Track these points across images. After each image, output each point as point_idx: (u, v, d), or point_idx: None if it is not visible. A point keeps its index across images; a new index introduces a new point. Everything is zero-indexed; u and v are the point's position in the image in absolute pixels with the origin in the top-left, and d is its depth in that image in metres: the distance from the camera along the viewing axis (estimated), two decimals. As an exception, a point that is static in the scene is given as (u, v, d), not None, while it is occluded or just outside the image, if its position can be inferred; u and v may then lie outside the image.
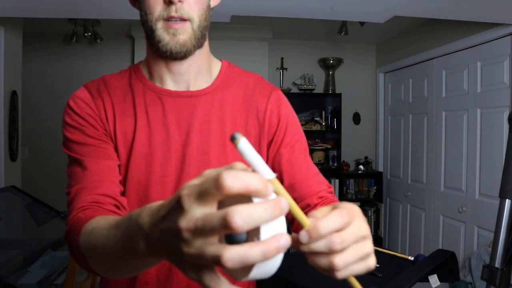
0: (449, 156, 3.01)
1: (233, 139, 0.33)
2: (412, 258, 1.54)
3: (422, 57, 3.31)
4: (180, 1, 0.70)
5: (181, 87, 0.80)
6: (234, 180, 0.30)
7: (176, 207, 0.33)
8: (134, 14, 2.70)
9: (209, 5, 0.77)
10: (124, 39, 3.71)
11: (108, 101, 0.77)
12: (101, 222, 0.54)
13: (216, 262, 0.30)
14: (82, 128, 0.75)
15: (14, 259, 2.06)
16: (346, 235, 0.38)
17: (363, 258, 0.41)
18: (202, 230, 0.31)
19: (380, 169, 3.98)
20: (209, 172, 0.33)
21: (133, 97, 0.79)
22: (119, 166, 0.76)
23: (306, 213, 0.39)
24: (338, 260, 0.38)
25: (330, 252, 0.38)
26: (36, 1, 2.09)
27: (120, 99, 0.78)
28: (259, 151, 0.81)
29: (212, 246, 0.31)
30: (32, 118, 3.54)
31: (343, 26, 3.24)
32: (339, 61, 3.85)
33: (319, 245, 0.37)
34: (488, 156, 2.63)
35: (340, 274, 0.40)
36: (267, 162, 0.81)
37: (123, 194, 0.76)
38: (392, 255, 1.62)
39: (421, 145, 3.36)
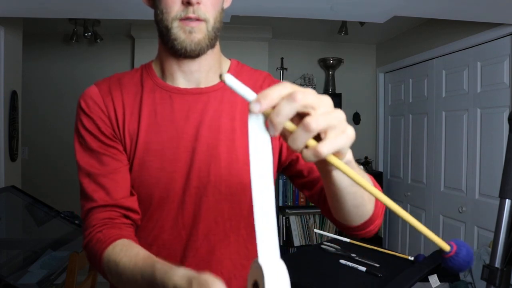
0: (449, 156, 3.01)
1: (221, 78, 0.38)
2: (412, 258, 1.54)
3: (422, 57, 3.31)
4: (197, 2, 0.72)
5: (191, 85, 0.82)
6: None
7: None
8: (134, 14, 2.67)
9: (222, 8, 0.79)
10: (124, 39, 3.71)
11: (119, 99, 0.79)
12: (123, 260, 0.62)
13: None
14: (93, 133, 0.77)
15: (14, 259, 2.06)
16: (307, 92, 0.39)
17: (337, 124, 0.40)
18: None
19: (380, 169, 3.98)
20: None
21: (142, 95, 0.80)
22: (129, 165, 0.78)
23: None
24: (309, 119, 0.38)
25: (296, 106, 0.38)
26: (36, 1, 2.09)
27: (131, 97, 0.80)
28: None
29: None
30: (32, 118, 3.53)
31: (343, 26, 3.24)
32: (339, 61, 3.85)
33: (283, 104, 0.38)
34: (488, 156, 2.63)
35: (322, 148, 0.38)
36: (281, 148, 0.83)
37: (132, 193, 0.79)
38: (392, 255, 1.62)
39: (421, 145, 3.36)
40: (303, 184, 0.81)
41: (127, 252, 0.63)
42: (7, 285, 1.62)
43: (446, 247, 0.41)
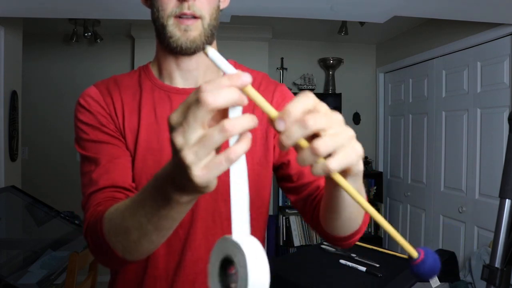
0: (449, 156, 3.01)
1: (204, 50, 0.40)
2: (412, 258, 1.54)
3: (422, 57, 3.31)
4: None
5: (189, 84, 0.82)
6: (210, 87, 0.38)
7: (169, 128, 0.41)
8: (134, 14, 2.67)
9: (219, 6, 0.80)
10: (124, 39, 3.71)
11: (118, 99, 0.79)
12: (123, 201, 0.59)
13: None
14: (94, 126, 0.77)
15: (14, 259, 2.06)
16: (319, 114, 0.39)
17: (346, 143, 0.40)
18: (187, 119, 0.39)
19: (380, 169, 3.98)
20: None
21: (141, 95, 0.81)
22: (131, 158, 0.78)
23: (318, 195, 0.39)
24: (319, 144, 0.38)
25: (307, 131, 0.38)
26: (36, 1, 2.09)
27: (130, 97, 0.80)
28: (266, 143, 0.83)
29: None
30: (32, 118, 3.54)
31: (343, 26, 3.24)
32: (339, 61, 3.85)
33: (294, 129, 0.38)
34: (488, 156, 2.63)
35: (332, 164, 0.39)
36: (274, 149, 0.84)
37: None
38: (392, 255, 1.62)
39: (421, 145, 3.36)
40: (291, 188, 0.82)
41: (126, 199, 0.60)
42: (7, 285, 1.62)
43: (414, 253, 0.42)
